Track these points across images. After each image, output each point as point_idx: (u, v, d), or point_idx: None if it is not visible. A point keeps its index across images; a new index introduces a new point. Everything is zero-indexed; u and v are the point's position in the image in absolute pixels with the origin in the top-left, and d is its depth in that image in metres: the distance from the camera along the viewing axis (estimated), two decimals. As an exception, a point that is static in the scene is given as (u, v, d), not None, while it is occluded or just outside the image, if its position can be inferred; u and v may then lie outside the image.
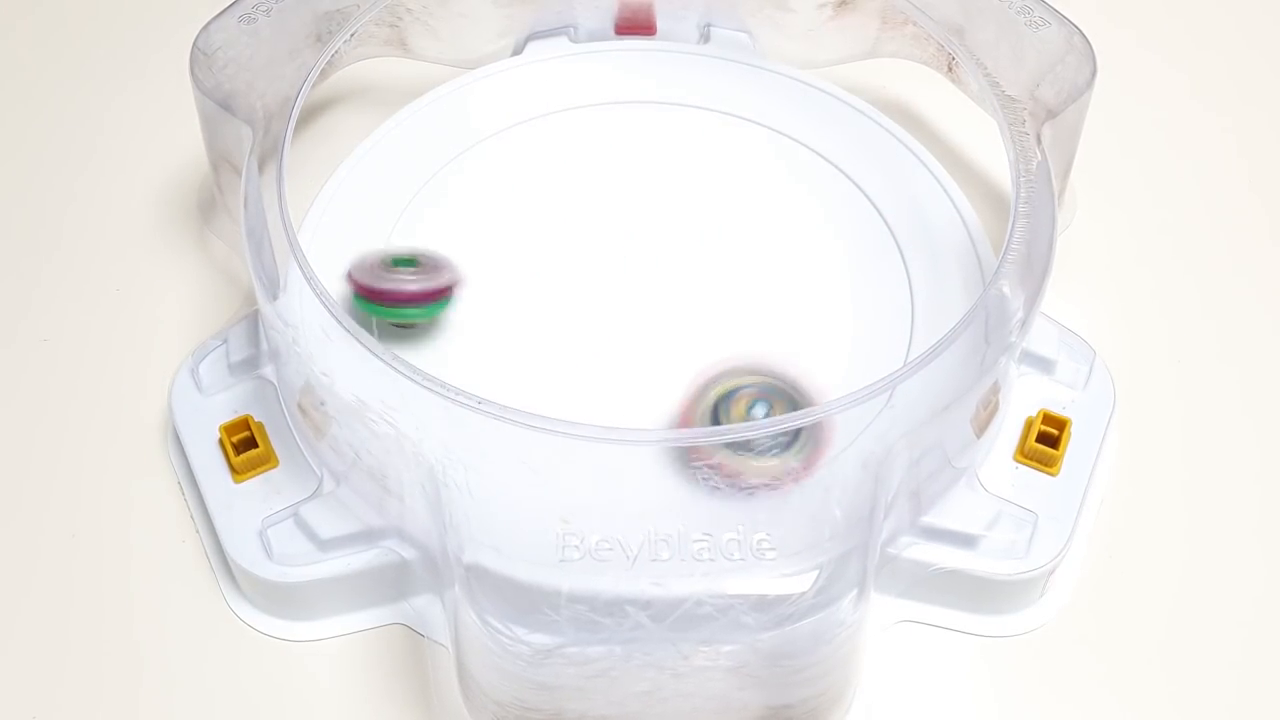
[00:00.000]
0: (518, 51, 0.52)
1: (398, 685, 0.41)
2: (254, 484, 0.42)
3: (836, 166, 0.49)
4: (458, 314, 0.45)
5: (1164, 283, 0.50)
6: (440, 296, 0.43)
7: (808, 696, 0.38)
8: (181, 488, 0.44)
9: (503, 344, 0.44)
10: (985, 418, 0.41)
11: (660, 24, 0.53)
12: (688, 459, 0.38)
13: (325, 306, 0.39)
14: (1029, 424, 0.43)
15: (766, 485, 0.38)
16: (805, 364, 0.42)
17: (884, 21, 0.51)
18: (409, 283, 0.43)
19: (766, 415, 0.39)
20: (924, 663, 0.41)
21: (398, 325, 0.43)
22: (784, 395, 0.40)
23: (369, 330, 0.39)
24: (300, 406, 0.42)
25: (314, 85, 0.45)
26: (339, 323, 0.38)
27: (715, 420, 0.40)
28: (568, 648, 0.36)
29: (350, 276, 0.43)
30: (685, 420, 0.40)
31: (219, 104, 0.45)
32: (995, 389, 0.41)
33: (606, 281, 0.46)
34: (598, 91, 0.51)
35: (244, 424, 0.43)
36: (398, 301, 0.43)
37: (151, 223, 0.51)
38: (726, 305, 0.45)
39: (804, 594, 0.36)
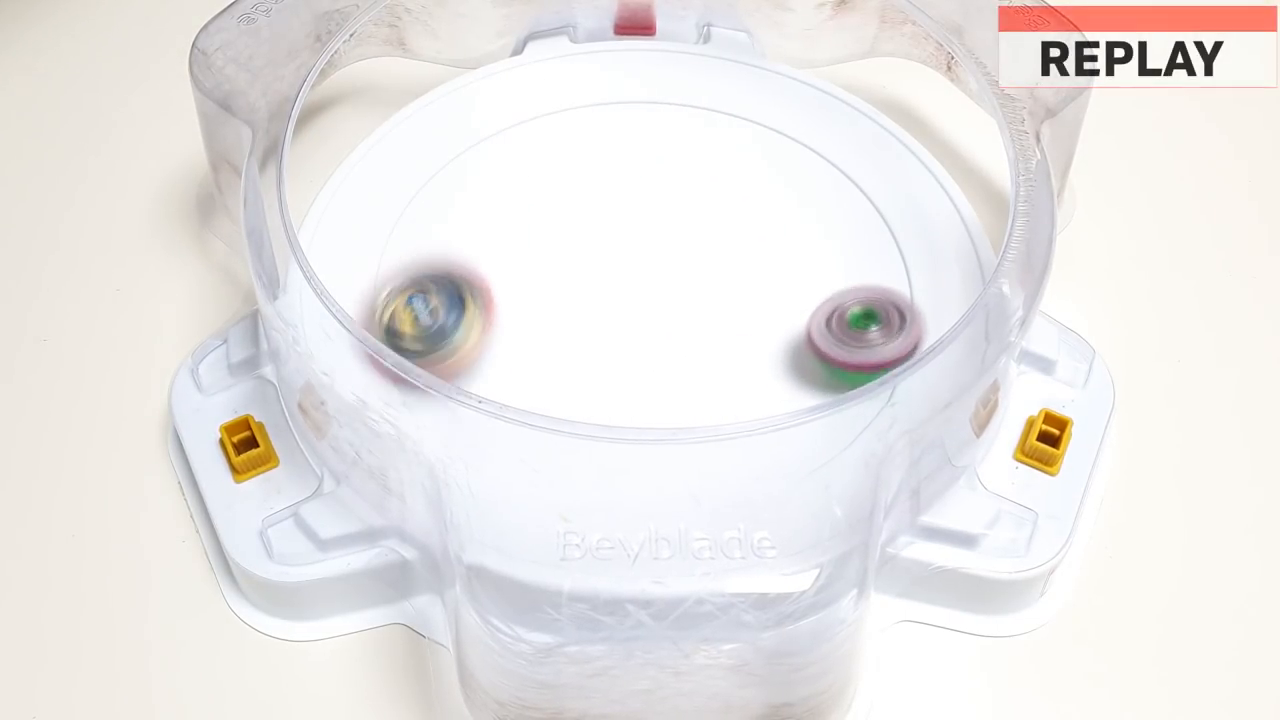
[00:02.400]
0: (517, 51, 0.52)
1: (398, 685, 0.41)
2: (254, 484, 0.42)
3: (836, 166, 0.49)
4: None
5: (1163, 281, 0.50)
6: (905, 359, 0.40)
7: (808, 695, 0.38)
8: (181, 488, 0.44)
9: (503, 343, 0.44)
10: (985, 416, 0.41)
11: (660, 24, 0.53)
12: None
13: (325, 306, 0.39)
14: (1029, 423, 0.43)
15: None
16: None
17: (883, 20, 0.51)
18: (879, 347, 0.42)
19: (425, 306, 0.42)
20: (924, 663, 0.41)
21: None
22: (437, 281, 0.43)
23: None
24: (301, 406, 0.42)
25: (314, 85, 0.46)
26: (339, 322, 0.38)
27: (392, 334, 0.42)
28: (569, 646, 0.36)
29: (813, 343, 0.43)
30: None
31: (219, 104, 0.45)
32: (995, 388, 0.41)
33: (606, 280, 0.46)
34: (598, 91, 0.51)
35: (244, 424, 0.43)
36: (866, 369, 0.42)
37: (151, 223, 0.51)
38: (727, 304, 0.45)
39: (804, 593, 0.36)
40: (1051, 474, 0.43)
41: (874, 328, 0.43)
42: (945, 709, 0.41)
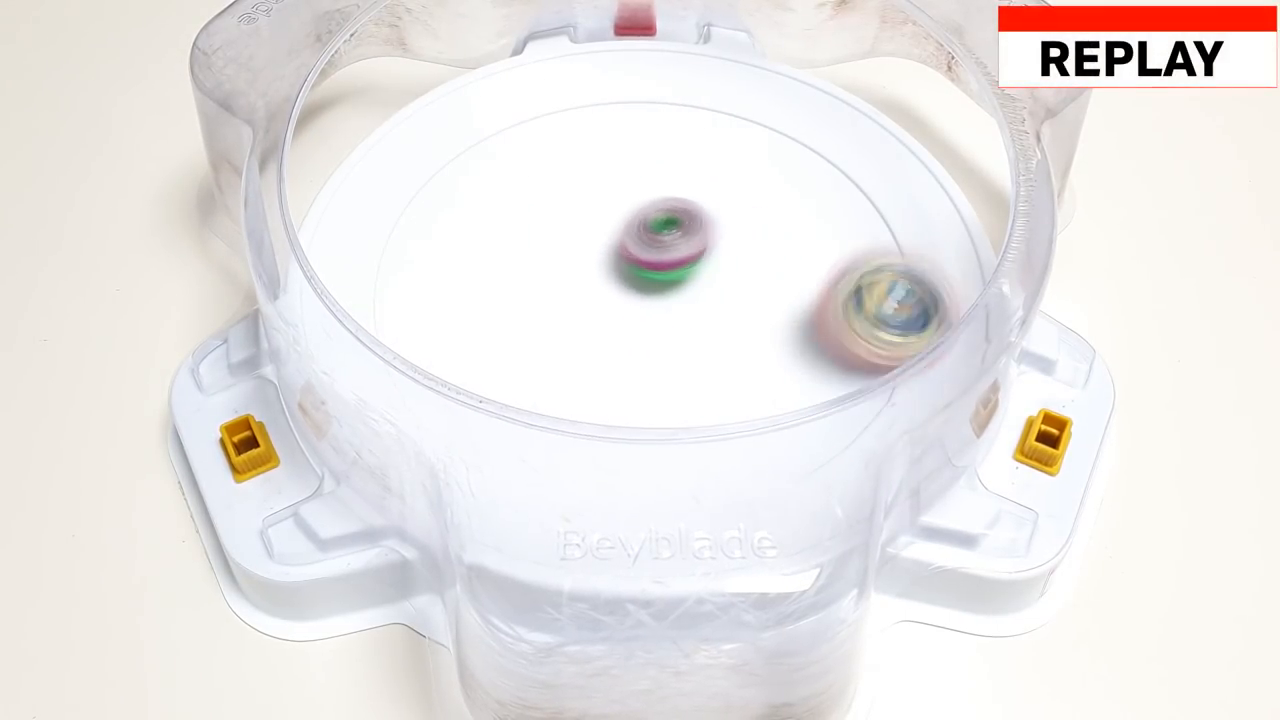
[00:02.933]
0: (517, 51, 0.52)
1: (398, 685, 0.41)
2: (254, 484, 0.42)
3: (836, 166, 0.49)
4: (459, 314, 0.45)
5: (1163, 281, 0.50)
6: (700, 255, 0.46)
7: (808, 695, 0.38)
8: (181, 488, 0.44)
9: (504, 343, 0.44)
10: (985, 416, 0.41)
11: (660, 24, 0.53)
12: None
13: (326, 306, 0.39)
14: (1029, 423, 0.43)
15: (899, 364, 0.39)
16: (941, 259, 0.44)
17: (883, 20, 0.51)
18: (676, 247, 0.46)
19: (907, 295, 0.43)
20: (924, 663, 0.41)
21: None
22: (923, 279, 0.43)
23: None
24: (301, 406, 0.42)
25: (314, 85, 0.45)
26: (340, 322, 0.38)
27: (858, 301, 0.43)
28: (569, 646, 0.36)
29: (624, 249, 0.46)
30: (824, 302, 0.43)
31: (219, 104, 0.45)
32: (995, 388, 0.41)
33: (606, 280, 0.46)
34: (598, 91, 0.51)
35: (245, 424, 0.43)
36: (669, 266, 0.46)
37: (151, 223, 0.51)
38: (727, 304, 0.45)
39: (805, 592, 0.36)
40: (1051, 474, 0.43)
41: (673, 231, 0.46)
42: (945, 709, 0.41)
